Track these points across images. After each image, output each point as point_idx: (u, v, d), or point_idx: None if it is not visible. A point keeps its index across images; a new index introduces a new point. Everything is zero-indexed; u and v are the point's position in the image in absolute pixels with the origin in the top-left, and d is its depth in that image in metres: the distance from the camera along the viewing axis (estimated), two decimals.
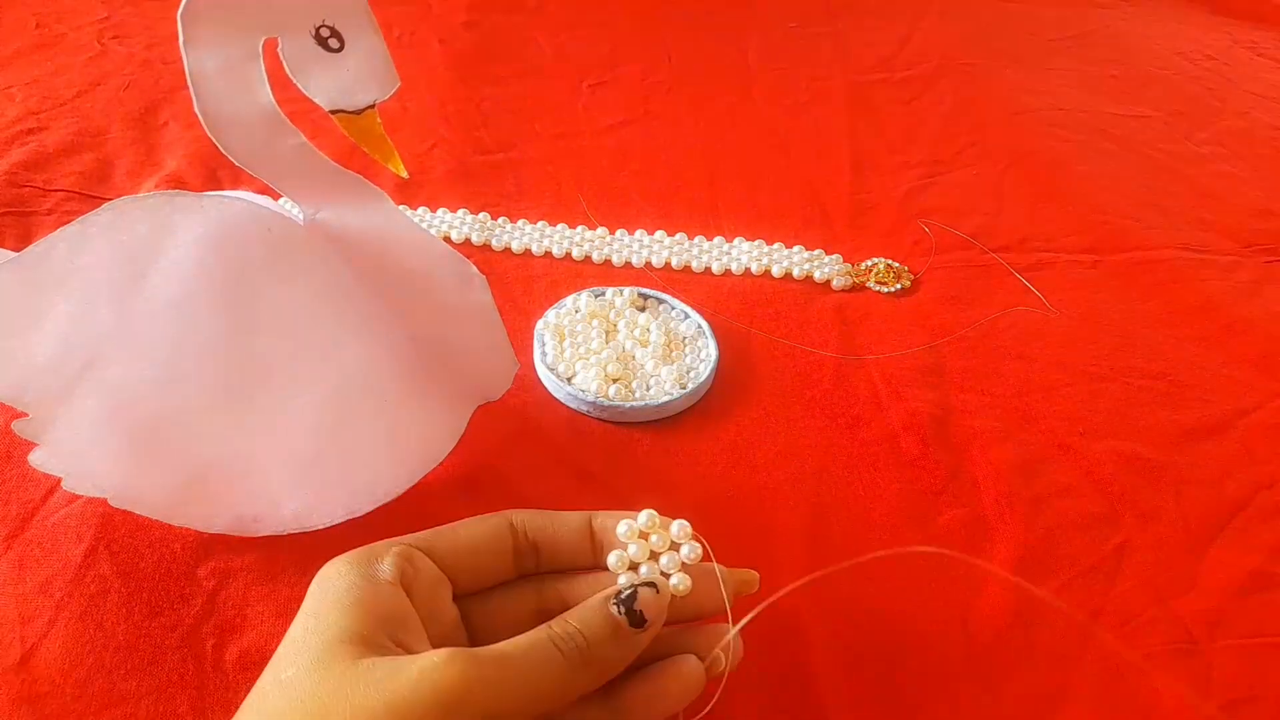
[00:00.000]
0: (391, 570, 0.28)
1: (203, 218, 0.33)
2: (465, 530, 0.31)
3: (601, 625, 0.27)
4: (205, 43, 0.31)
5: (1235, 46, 0.93)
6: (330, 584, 0.27)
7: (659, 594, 0.29)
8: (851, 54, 0.86)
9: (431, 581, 0.29)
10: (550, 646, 0.26)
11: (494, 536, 0.31)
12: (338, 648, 0.25)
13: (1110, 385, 0.50)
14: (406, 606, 0.27)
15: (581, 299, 0.51)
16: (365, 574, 0.27)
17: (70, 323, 0.33)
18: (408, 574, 0.28)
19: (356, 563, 0.28)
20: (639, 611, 0.28)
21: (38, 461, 0.35)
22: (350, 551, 0.28)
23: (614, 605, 0.28)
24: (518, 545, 0.31)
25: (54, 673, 0.33)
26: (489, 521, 0.31)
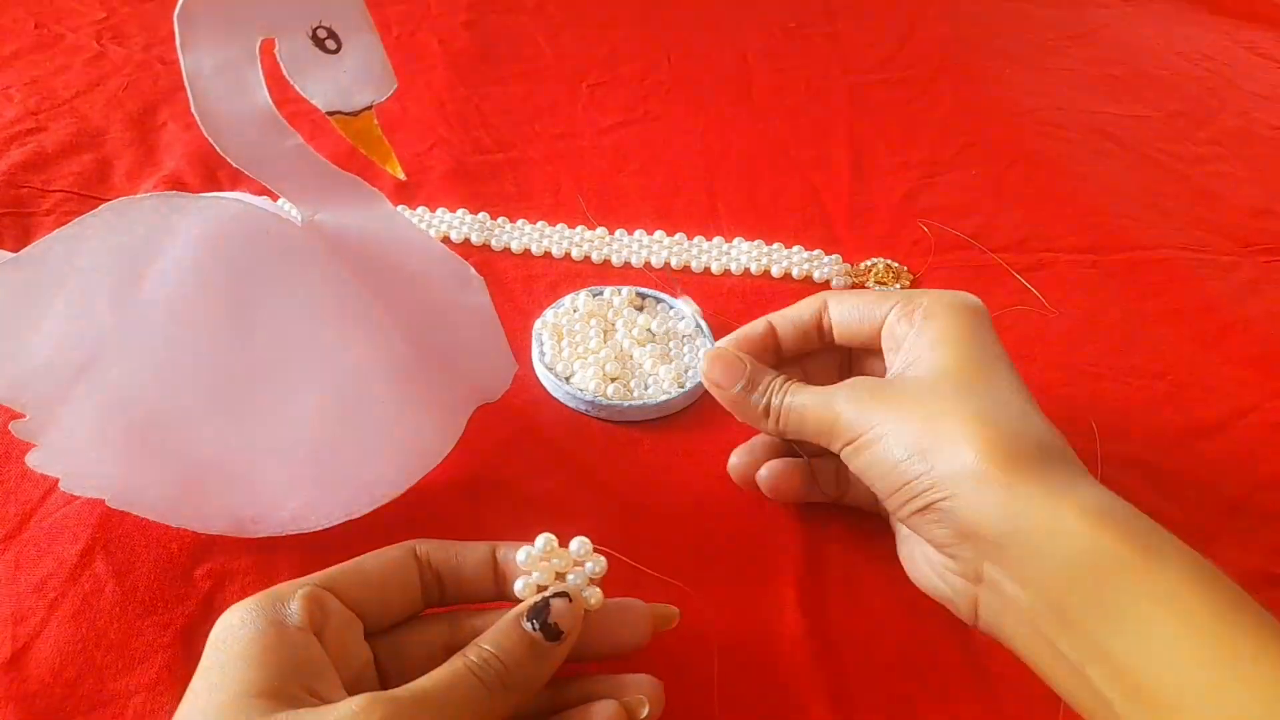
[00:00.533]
0: (300, 614, 0.26)
1: (200, 219, 0.33)
2: (370, 563, 0.30)
3: (517, 644, 0.27)
4: (202, 44, 0.31)
5: (1234, 46, 0.93)
6: (234, 633, 0.26)
7: (572, 603, 0.28)
8: (851, 54, 0.86)
9: (341, 622, 0.28)
10: (469, 676, 0.26)
11: (400, 568, 0.30)
12: (244, 703, 0.24)
13: (1109, 385, 0.50)
14: (318, 652, 0.26)
15: (579, 298, 0.51)
16: (271, 620, 0.26)
17: (68, 323, 0.33)
18: (317, 617, 0.27)
19: (261, 609, 0.26)
20: (553, 625, 0.27)
21: (35, 462, 0.35)
22: (252, 596, 0.27)
23: (527, 622, 0.27)
24: (423, 575, 0.30)
25: (44, 672, 0.33)
26: (392, 553, 0.30)
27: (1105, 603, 0.26)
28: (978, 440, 0.29)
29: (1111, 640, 0.26)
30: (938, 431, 0.30)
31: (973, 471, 0.29)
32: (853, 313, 0.37)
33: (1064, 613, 0.27)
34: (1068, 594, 0.27)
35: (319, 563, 0.36)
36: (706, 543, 0.40)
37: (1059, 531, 0.28)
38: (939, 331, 0.33)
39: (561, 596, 0.28)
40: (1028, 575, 0.28)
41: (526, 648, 0.27)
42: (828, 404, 0.34)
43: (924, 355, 0.33)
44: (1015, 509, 0.28)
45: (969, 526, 0.29)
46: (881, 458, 0.32)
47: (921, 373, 0.33)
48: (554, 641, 0.27)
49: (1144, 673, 0.25)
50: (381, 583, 0.29)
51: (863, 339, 0.37)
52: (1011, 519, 0.28)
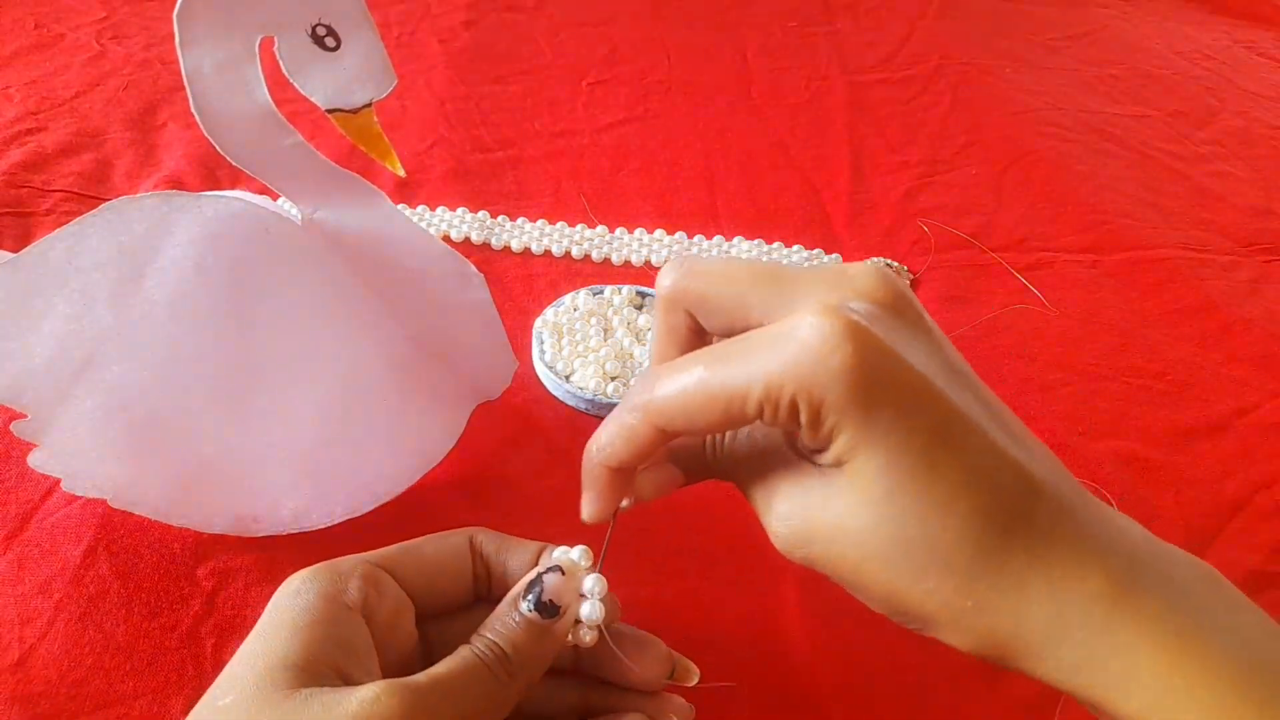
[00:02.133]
0: (356, 594, 0.27)
1: (200, 218, 0.33)
2: (429, 547, 0.30)
3: (516, 628, 0.27)
4: (201, 43, 0.31)
5: (1234, 46, 0.93)
6: (290, 601, 0.26)
7: (565, 577, 0.28)
8: (851, 53, 0.86)
9: (395, 605, 0.28)
10: (477, 663, 0.26)
11: (456, 556, 0.30)
12: (278, 675, 0.24)
13: (1109, 385, 0.50)
14: (363, 634, 0.26)
15: (580, 297, 0.51)
16: (327, 595, 0.26)
17: (69, 323, 0.33)
18: (371, 599, 0.27)
19: (321, 580, 0.27)
20: (548, 602, 0.27)
21: (37, 462, 0.35)
22: (316, 566, 0.27)
23: (523, 602, 0.27)
24: (475, 567, 0.30)
25: (51, 673, 0.33)
26: (451, 539, 0.30)
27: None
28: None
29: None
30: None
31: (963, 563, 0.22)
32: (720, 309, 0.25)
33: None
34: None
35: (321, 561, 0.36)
36: (707, 542, 0.40)
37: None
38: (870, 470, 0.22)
39: (554, 571, 0.28)
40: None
41: (525, 629, 0.27)
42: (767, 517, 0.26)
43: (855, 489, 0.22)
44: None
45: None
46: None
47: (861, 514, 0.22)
48: (551, 618, 0.27)
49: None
50: (437, 568, 0.29)
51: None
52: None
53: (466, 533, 0.30)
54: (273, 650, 0.25)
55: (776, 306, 0.23)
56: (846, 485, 0.22)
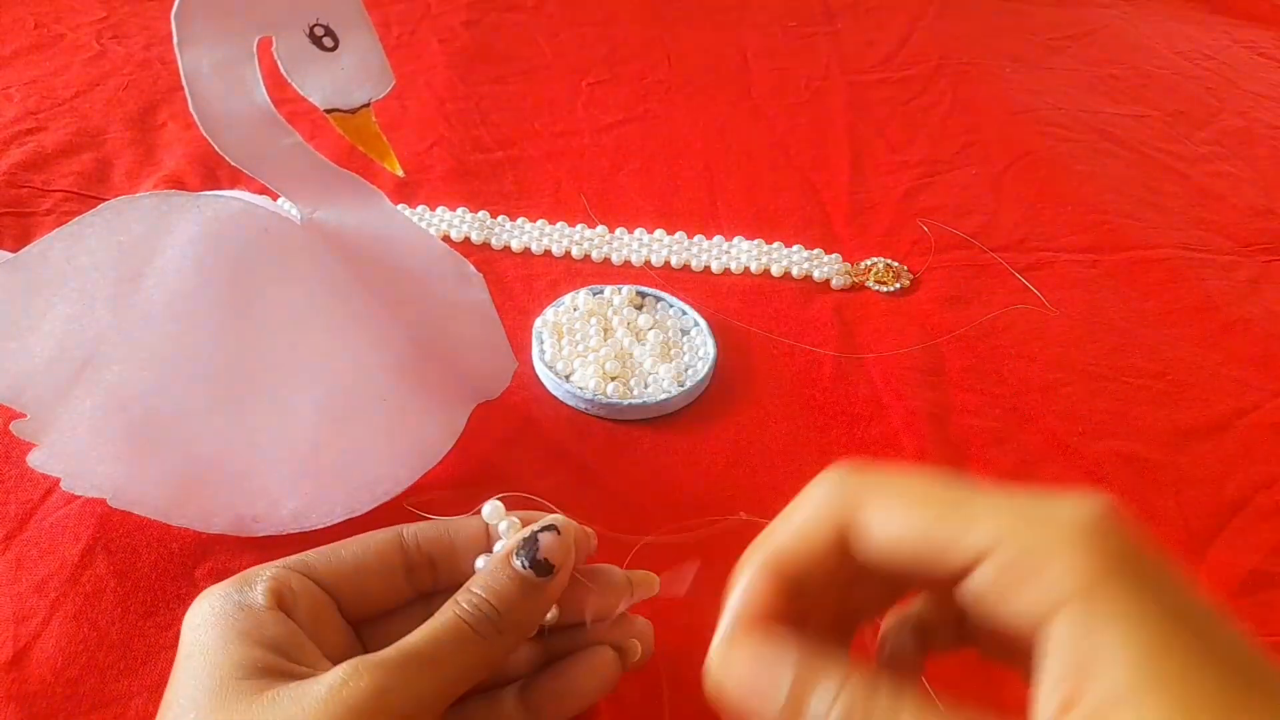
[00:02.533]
0: (265, 596, 0.26)
1: (199, 217, 0.33)
2: (349, 548, 0.29)
3: (508, 584, 0.26)
4: (199, 42, 0.31)
5: (1234, 46, 0.93)
6: (205, 618, 0.25)
7: (561, 535, 0.27)
8: (850, 53, 0.86)
9: (313, 603, 0.27)
10: (459, 624, 0.25)
11: (380, 553, 0.29)
12: (235, 684, 0.23)
13: (1109, 385, 0.50)
14: (291, 628, 0.26)
15: (579, 297, 0.51)
16: (238, 603, 0.25)
17: (68, 323, 0.33)
18: (285, 598, 0.26)
19: (226, 594, 0.26)
20: (544, 560, 0.26)
21: (36, 462, 0.35)
22: (217, 585, 0.27)
23: (517, 559, 0.26)
24: (410, 561, 0.29)
25: (46, 672, 0.33)
26: (375, 538, 0.29)
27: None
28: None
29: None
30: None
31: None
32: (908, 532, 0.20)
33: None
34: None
35: None
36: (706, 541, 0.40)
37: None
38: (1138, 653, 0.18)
39: (549, 530, 0.27)
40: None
41: (518, 586, 0.26)
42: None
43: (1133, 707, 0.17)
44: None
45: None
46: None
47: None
48: (545, 577, 0.27)
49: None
50: (358, 567, 0.28)
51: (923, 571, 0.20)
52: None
53: (394, 530, 0.30)
54: (217, 664, 0.24)
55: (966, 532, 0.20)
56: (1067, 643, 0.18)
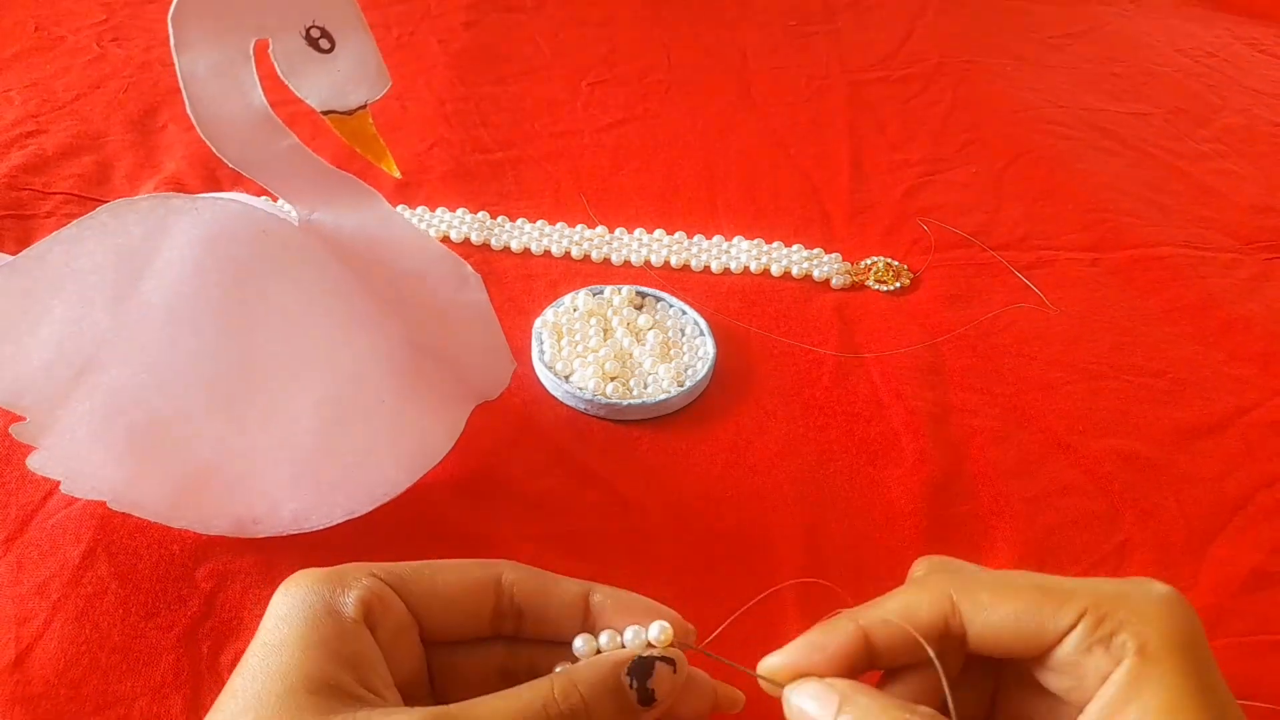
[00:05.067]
0: (357, 607, 0.25)
1: (198, 219, 0.33)
2: (446, 575, 0.27)
3: (606, 694, 0.25)
4: (196, 45, 0.31)
5: (1235, 43, 0.93)
6: (293, 612, 0.25)
7: (675, 673, 0.26)
8: (850, 52, 0.85)
9: (399, 624, 0.26)
10: (541, 712, 0.24)
11: (476, 590, 0.27)
12: (301, 697, 0.23)
13: (1110, 383, 0.50)
14: (372, 649, 0.25)
15: (579, 297, 0.51)
16: (329, 607, 0.25)
17: (67, 325, 0.33)
18: (375, 612, 0.25)
19: (321, 589, 0.25)
20: (651, 689, 0.25)
21: (36, 464, 0.35)
22: (316, 571, 0.26)
23: (626, 676, 0.25)
24: (500, 606, 0.28)
25: (48, 674, 0.33)
26: (473, 572, 0.28)
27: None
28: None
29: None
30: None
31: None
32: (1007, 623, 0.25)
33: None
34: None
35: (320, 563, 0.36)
36: (706, 542, 0.40)
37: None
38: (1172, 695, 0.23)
39: (668, 662, 0.26)
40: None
41: (615, 701, 0.25)
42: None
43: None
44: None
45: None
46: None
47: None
48: (645, 706, 0.25)
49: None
50: (451, 598, 0.27)
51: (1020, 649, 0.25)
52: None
53: (495, 567, 0.28)
54: (289, 668, 0.23)
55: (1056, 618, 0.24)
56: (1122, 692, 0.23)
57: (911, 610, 0.26)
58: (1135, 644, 0.23)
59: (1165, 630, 0.23)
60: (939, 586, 0.26)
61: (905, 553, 0.40)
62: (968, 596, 0.25)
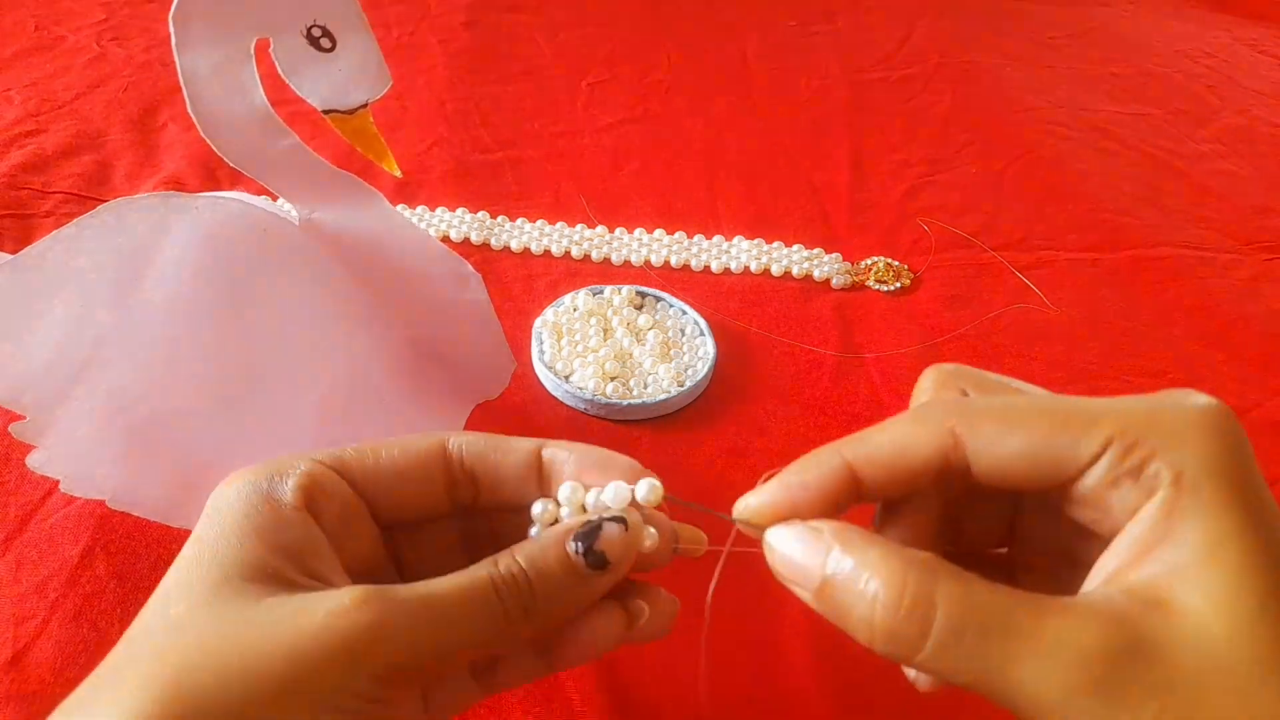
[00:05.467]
0: (296, 494, 0.24)
1: (198, 219, 0.33)
2: (388, 452, 0.26)
3: (554, 565, 0.23)
4: (197, 44, 0.31)
5: (1236, 44, 0.93)
6: (227, 505, 0.23)
7: (628, 531, 0.24)
8: (851, 53, 0.85)
9: (344, 506, 0.25)
10: (488, 590, 0.23)
11: (421, 463, 0.26)
12: (236, 584, 0.22)
13: (1110, 383, 0.50)
14: (315, 534, 0.23)
15: (579, 297, 0.51)
16: (266, 496, 0.23)
17: (67, 325, 0.33)
18: (316, 499, 0.24)
19: (256, 481, 0.24)
20: (600, 552, 0.24)
21: (36, 463, 0.35)
22: (251, 468, 0.24)
23: (572, 543, 0.24)
24: (452, 475, 0.26)
25: (45, 672, 0.33)
26: (417, 443, 0.26)
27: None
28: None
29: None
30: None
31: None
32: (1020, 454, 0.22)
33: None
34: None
35: None
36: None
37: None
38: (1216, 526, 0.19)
39: (617, 522, 0.24)
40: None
41: (564, 571, 0.23)
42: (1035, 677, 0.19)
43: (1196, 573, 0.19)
44: None
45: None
46: None
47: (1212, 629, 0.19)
48: (597, 570, 0.24)
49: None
50: (396, 473, 0.26)
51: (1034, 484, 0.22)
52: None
53: (439, 437, 0.26)
54: (222, 556, 0.22)
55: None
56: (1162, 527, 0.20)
57: (906, 446, 0.23)
58: (1170, 473, 0.20)
59: (1204, 454, 0.20)
60: (938, 418, 0.23)
61: None
62: (971, 428, 0.22)
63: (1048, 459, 0.21)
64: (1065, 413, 0.22)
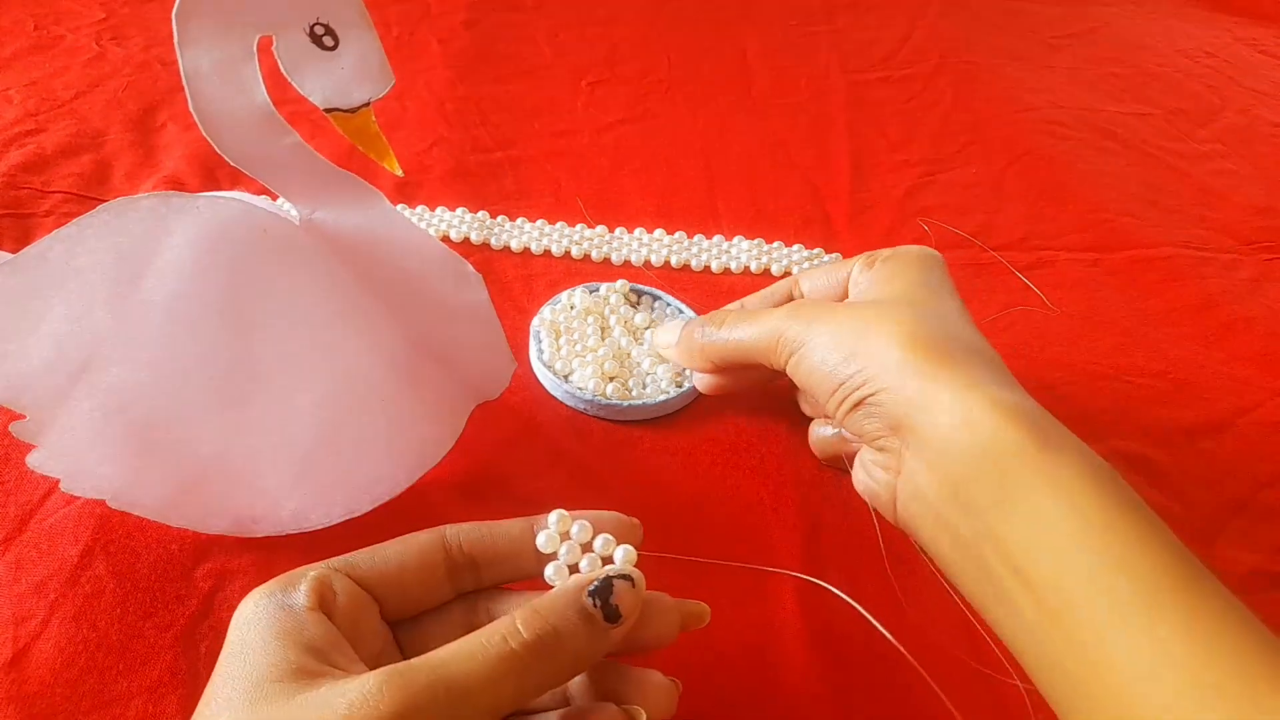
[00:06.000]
0: (307, 597, 0.26)
1: (198, 218, 0.33)
2: (391, 549, 0.29)
3: (574, 618, 0.25)
4: (200, 42, 0.31)
5: (1236, 44, 0.93)
6: (251, 620, 0.26)
7: (634, 588, 0.27)
8: (851, 52, 0.85)
9: (354, 604, 0.27)
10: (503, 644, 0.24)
11: (422, 554, 0.29)
12: (268, 687, 0.24)
13: (1110, 384, 0.50)
14: (330, 629, 0.26)
15: (576, 295, 0.51)
16: (281, 604, 0.26)
17: (67, 324, 0.33)
18: (327, 599, 0.27)
19: (271, 593, 0.27)
20: (615, 606, 0.26)
21: (36, 463, 0.35)
22: (264, 584, 0.27)
23: (589, 597, 0.26)
24: (452, 562, 0.29)
25: (45, 673, 0.33)
26: (418, 539, 0.29)
27: (1002, 488, 0.28)
28: (903, 337, 0.32)
29: (1003, 524, 0.28)
30: (869, 334, 0.33)
31: (896, 363, 0.32)
32: (821, 279, 0.40)
33: (963, 497, 0.29)
34: (969, 480, 0.29)
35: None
36: (705, 541, 0.40)
37: (968, 421, 0.30)
38: (892, 270, 0.37)
39: (625, 579, 0.27)
40: (936, 461, 0.30)
41: (583, 623, 0.26)
42: (772, 327, 0.37)
43: (873, 288, 0.37)
44: (930, 398, 0.31)
45: (894, 417, 0.32)
46: (819, 364, 0.35)
47: (867, 298, 0.37)
48: (612, 623, 0.26)
49: (1029, 554, 0.27)
50: (401, 568, 0.29)
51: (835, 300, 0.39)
52: (927, 407, 0.31)
53: (437, 531, 0.30)
54: (254, 665, 0.24)
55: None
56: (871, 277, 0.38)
57: (773, 291, 0.44)
58: (883, 258, 0.38)
59: (905, 250, 0.38)
60: (790, 279, 0.43)
61: (906, 552, 0.40)
62: (803, 275, 0.42)
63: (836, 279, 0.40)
64: (844, 262, 0.40)
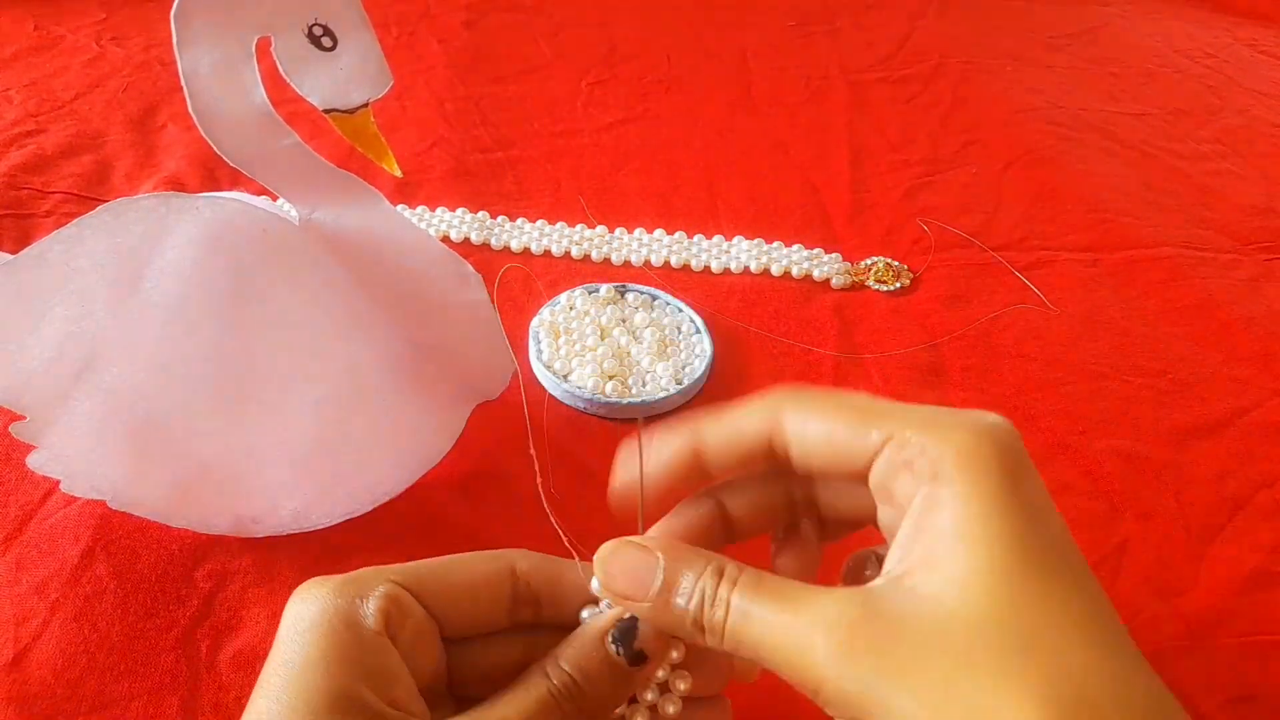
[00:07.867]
0: (377, 618, 0.24)
1: (198, 219, 0.33)
2: (462, 569, 0.27)
3: (598, 666, 0.25)
4: (199, 43, 0.31)
5: (1235, 44, 0.93)
6: (310, 626, 0.24)
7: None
8: (850, 52, 0.85)
9: (419, 629, 0.26)
10: (549, 699, 0.24)
11: (492, 581, 0.27)
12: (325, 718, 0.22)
13: (1110, 384, 0.50)
14: (395, 660, 0.24)
15: (575, 295, 0.51)
16: (348, 619, 0.24)
17: (67, 325, 0.33)
18: (394, 620, 0.25)
19: (338, 600, 0.24)
20: (639, 650, 0.25)
21: (36, 463, 0.35)
22: (330, 580, 0.25)
23: (611, 644, 0.25)
24: (517, 593, 0.27)
25: (46, 673, 0.33)
26: (488, 564, 0.27)
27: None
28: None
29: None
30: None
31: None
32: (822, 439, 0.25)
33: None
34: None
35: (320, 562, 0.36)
36: None
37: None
38: (962, 512, 0.21)
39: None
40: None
41: (607, 670, 0.25)
42: (802, 646, 0.22)
43: (943, 557, 0.21)
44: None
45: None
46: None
47: (944, 601, 0.21)
48: (636, 666, 0.25)
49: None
50: (469, 591, 0.27)
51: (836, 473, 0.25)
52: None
53: (507, 557, 0.28)
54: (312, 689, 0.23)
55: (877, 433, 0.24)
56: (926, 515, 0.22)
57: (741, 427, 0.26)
58: (930, 469, 0.22)
59: (961, 450, 0.22)
60: (767, 403, 0.26)
61: None
62: (789, 413, 0.25)
63: (842, 444, 0.24)
64: (863, 408, 0.24)
